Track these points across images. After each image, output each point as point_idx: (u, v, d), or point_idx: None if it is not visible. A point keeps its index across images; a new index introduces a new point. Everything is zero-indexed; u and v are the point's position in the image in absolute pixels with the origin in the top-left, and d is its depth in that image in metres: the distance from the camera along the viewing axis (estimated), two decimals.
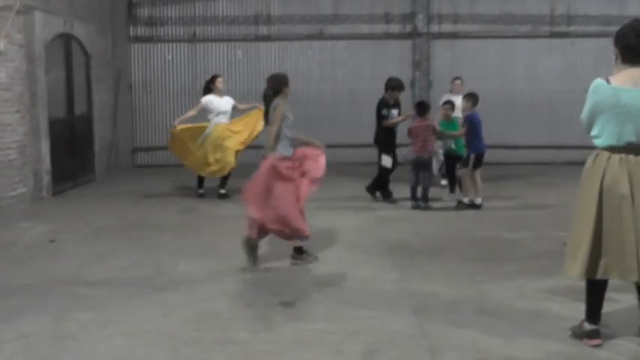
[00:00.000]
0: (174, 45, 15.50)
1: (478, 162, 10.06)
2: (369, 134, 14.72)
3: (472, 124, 9.94)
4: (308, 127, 11.45)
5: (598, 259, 4.63)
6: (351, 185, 11.86)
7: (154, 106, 15.60)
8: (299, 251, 7.04)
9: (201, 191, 11.15)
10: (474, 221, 9.15)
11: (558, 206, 10.22)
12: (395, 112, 10.44)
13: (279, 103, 6.90)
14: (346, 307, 5.55)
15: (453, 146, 10.36)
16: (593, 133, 4.75)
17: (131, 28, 15.45)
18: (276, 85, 7.07)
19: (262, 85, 14.46)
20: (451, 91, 12.00)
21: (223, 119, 10.90)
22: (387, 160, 10.21)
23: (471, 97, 10.09)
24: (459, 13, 15.37)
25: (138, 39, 15.49)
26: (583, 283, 5.91)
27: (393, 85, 10.48)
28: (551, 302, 5.68)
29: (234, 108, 11.12)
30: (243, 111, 11.25)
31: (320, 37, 15.43)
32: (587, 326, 4.79)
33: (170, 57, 15.53)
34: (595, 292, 4.79)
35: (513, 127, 15.18)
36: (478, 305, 5.60)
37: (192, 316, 5.36)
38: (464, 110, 10.11)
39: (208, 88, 11.04)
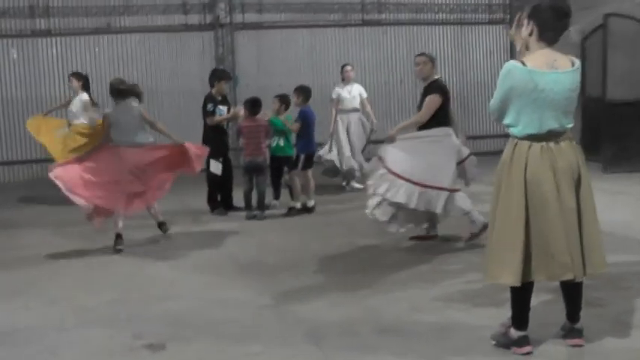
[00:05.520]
0: None
1: (309, 162, 9.95)
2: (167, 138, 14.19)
3: (306, 121, 9.77)
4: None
5: (529, 261, 4.52)
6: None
7: None
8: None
9: None
10: (321, 228, 8.99)
11: None
12: (223, 108, 9.99)
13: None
14: (229, 342, 5.05)
15: (282, 143, 9.98)
16: (507, 121, 4.61)
17: None
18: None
19: (43, 90, 13.84)
20: (343, 80, 11.87)
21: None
22: (216, 167, 9.71)
23: (303, 91, 9.97)
24: (264, 1, 15.24)
25: None
26: (475, 286, 5.98)
27: (219, 76, 10.09)
28: (451, 311, 5.56)
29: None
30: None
31: (108, 30, 14.61)
32: (515, 333, 4.67)
33: None
34: (522, 295, 4.67)
35: (325, 123, 15.22)
36: (374, 323, 5.34)
37: None
38: (296, 105, 9.95)
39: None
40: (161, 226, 8.73)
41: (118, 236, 7.99)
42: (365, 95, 11.99)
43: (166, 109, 14.67)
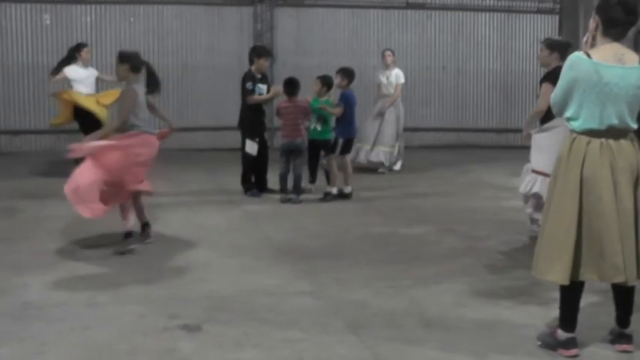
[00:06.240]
0: None
1: (347, 147, 10.00)
2: (205, 115, 14.24)
3: (348, 104, 9.79)
4: None
5: (579, 260, 4.52)
6: (195, 175, 11.38)
7: None
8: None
9: None
10: (359, 215, 9.00)
11: (440, 195, 10.39)
12: (263, 86, 9.99)
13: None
14: (268, 327, 5.08)
15: (319, 128, 10.00)
16: (568, 114, 4.60)
17: None
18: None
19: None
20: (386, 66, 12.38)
21: (84, 90, 11.46)
22: (251, 147, 9.75)
23: (348, 73, 9.98)
24: None
25: None
26: (521, 283, 5.99)
27: (259, 52, 10.06)
28: (496, 308, 5.55)
29: (98, 79, 11.61)
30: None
31: (145, 0, 14.66)
32: (562, 334, 4.66)
33: None
34: (572, 295, 4.66)
35: (364, 108, 15.19)
36: (419, 316, 5.35)
37: (77, 352, 4.65)
38: (339, 87, 10.00)
39: (72, 57, 11.56)
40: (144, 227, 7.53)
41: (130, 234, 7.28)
42: (401, 81, 12.33)
43: (200, 85, 14.80)
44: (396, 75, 12.28)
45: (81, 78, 11.52)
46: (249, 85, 9.84)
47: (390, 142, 12.37)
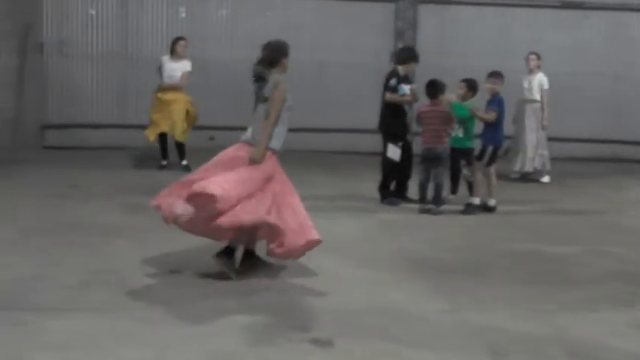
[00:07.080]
0: None
1: (494, 156, 9.88)
2: (338, 115, 14.20)
3: (501, 110, 9.79)
4: None
5: None
6: (328, 179, 11.42)
7: (71, 73, 14.72)
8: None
9: (163, 163, 12.41)
10: (500, 230, 8.83)
11: (590, 212, 10.10)
12: (406, 87, 9.92)
13: (279, 80, 6.56)
14: (401, 346, 5.03)
15: (461, 134, 9.82)
16: None
17: None
18: (272, 55, 6.66)
19: (208, 52, 14.16)
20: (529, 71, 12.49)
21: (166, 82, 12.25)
22: (393, 152, 9.70)
23: (501, 76, 9.91)
24: None
25: None
26: None
27: (407, 56, 10.10)
28: None
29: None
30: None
31: None
32: None
33: (94, 12, 14.68)
34: None
35: (508, 114, 14.88)
36: (566, 345, 5.20)
37: (201, 359, 4.76)
38: (493, 92, 9.90)
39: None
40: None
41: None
42: (545, 87, 12.33)
43: (336, 84, 14.83)
44: (539, 80, 12.27)
45: (164, 69, 12.18)
46: (393, 81, 9.81)
47: (531, 149, 12.37)
